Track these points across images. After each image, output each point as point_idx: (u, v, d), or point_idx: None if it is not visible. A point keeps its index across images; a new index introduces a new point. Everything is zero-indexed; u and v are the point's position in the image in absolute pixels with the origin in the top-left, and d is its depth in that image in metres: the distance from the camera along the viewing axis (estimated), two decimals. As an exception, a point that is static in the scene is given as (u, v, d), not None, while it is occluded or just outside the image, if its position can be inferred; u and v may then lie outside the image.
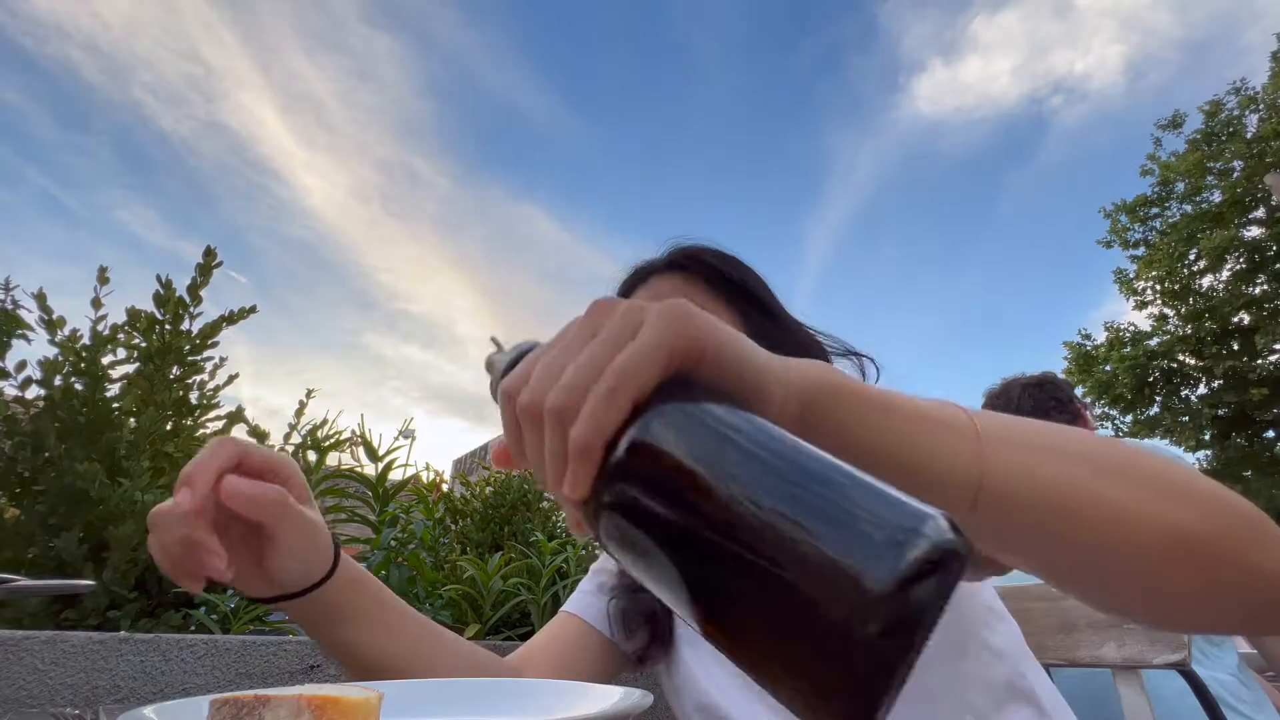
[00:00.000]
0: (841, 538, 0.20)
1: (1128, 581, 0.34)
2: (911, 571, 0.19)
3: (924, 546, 0.19)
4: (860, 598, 0.18)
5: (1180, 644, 0.83)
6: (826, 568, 0.19)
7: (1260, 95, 12.51)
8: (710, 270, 0.80)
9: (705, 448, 0.24)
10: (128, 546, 1.13)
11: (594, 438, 0.25)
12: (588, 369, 0.27)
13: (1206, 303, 12.86)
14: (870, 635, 0.18)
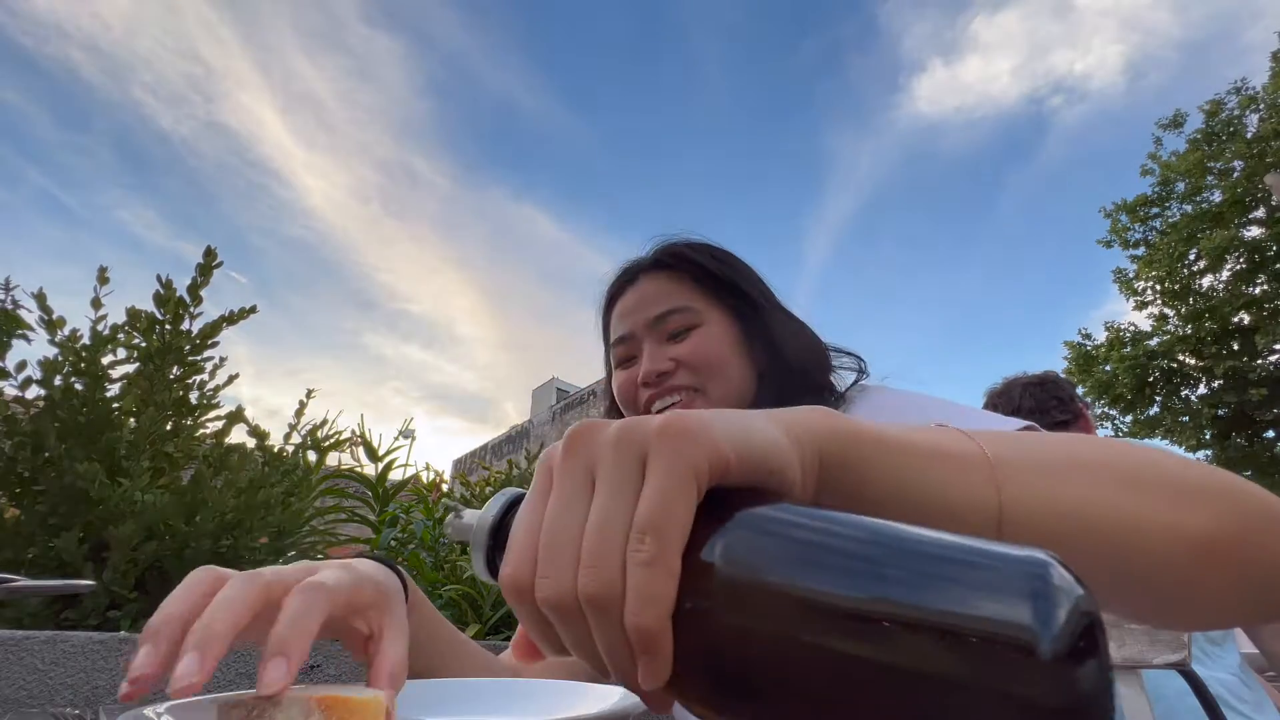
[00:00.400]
0: (984, 608, 0.17)
1: (1156, 591, 0.33)
2: (1066, 626, 0.17)
3: (1060, 596, 0.18)
4: (1037, 663, 0.16)
5: (1180, 644, 0.83)
6: (982, 647, 0.17)
7: (1261, 95, 12.51)
8: (697, 268, 0.79)
9: (788, 567, 0.20)
10: (128, 546, 1.13)
11: (657, 621, 0.21)
12: (612, 534, 0.22)
13: (1206, 303, 12.86)
14: (1051, 706, 0.16)
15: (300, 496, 1.51)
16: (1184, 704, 0.94)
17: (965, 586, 0.18)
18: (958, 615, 0.18)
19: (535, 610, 0.24)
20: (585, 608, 0.22)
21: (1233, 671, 1.08)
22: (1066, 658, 0.17)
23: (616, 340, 0.81)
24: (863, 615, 0.19)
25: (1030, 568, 0.18)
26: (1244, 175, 12.44)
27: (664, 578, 0.21)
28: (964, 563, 0.19)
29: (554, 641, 0.24)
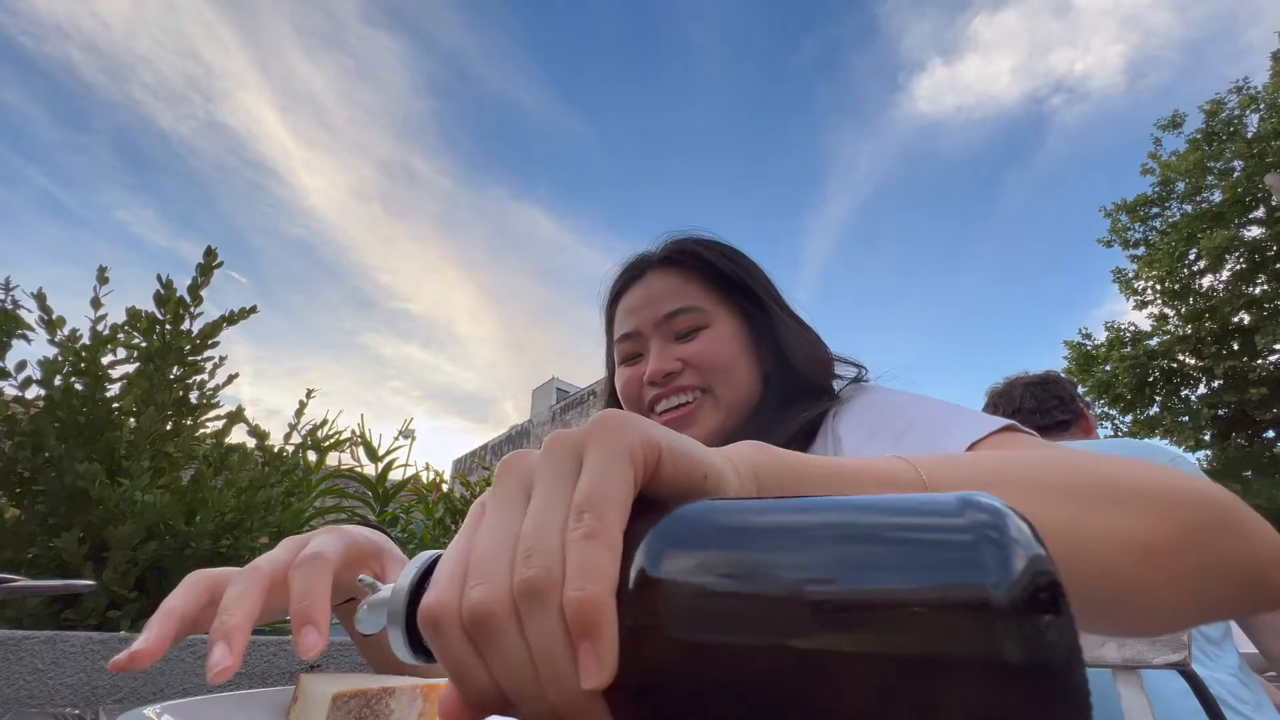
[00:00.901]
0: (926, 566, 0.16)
1: (1103, 597, 0.33)
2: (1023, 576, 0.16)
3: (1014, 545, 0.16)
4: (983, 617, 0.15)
5: (1180, 644, 0.83)
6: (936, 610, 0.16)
7: (1261, 95, 12.51)
8: (708, 267, 0.78)
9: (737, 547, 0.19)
10: (128, 546, 1.13)
11: (603, 592, 0.19)
12: (550, 515, 0.21)
13: (1206, 303, 12.86)
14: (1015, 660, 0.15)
15: (300, 496, 1.51)
16: (1184, 704, 0.94)
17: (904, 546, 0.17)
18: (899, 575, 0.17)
19: (459, 636, 0.21)
20: (520, 602, 0.19)
21: (1232, 672, 1.08)
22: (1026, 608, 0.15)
23: (622, 337, 0.80)
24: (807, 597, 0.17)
25: (973, 515, 0.17)
26: (1244, 175, 12.45)
27: (605, 550, 0.19)
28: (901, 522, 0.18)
29: (479, 676, 0.21)
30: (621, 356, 0.81)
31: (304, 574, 0.38)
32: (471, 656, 0.21)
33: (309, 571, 0.38)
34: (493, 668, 0.20)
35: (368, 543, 0.46)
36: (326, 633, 0.36)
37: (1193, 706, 0.88)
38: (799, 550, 0.18)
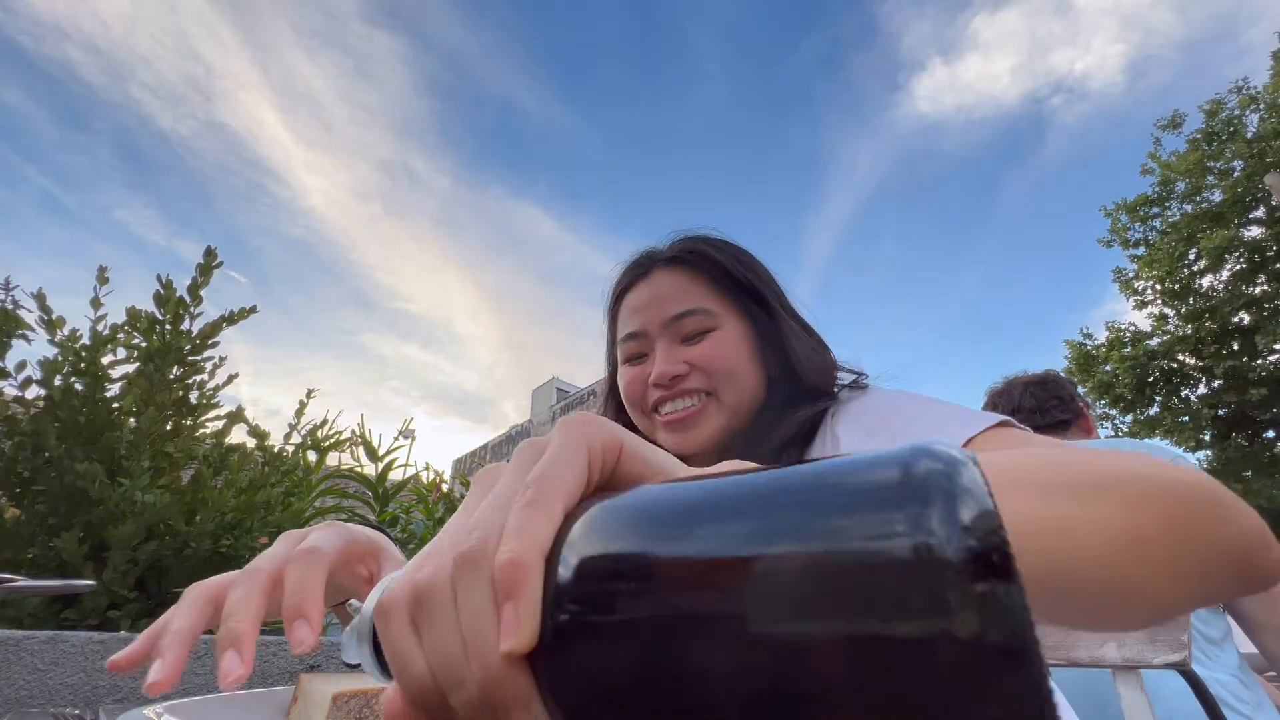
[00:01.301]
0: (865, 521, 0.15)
1: (1098, 594, 0.33)
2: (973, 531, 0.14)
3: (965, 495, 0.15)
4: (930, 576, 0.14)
5: (1180, 644, 0.83)
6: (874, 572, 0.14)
7: (1261, 95, 12.51)
8: (716, 267, 0.77)
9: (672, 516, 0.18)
10: (128, 546, 1.13)
11: (528, 552, 0.18)
12: (499, 499, 0.21)
13: (1206, 303, 12.86)
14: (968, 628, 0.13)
15: (300, 496, 1.51)
16: (1184, 704, 0.94)
17: (835, 504, 0.16)
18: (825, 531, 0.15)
19: (404, 617, 0.21)
20: (456, 575, 0.19)
21: (1232, 672, 1.08)
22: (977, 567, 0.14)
23: (627, 336, 0.78)
24: (735, 562, 0.16)
25: (911, 463, 0.15)
26: (1244, 175, 12.45)
27: (540, 517, 0.19)
28: (834, 481, 0.16)
29: (415, 658, 0.20)
30: (625, 355, 0.79)
31: (298, 569, 0.38)
32: (411, 641, 0.21)
33: (304, 566, 0.38)
34: (427, 649, 0.20)
35: (366, 540, 0.46)
36: (319, 628, 0.35)
37: (1193, 707, 0.88)
38: (733, 516, 0.17)
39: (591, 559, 0.18)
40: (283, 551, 0.40)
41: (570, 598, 0.18)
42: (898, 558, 0.14)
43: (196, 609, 0.38)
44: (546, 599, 0.18)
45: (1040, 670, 0.14)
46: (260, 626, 0.36)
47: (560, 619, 0.18)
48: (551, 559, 0.19)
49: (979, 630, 0.13)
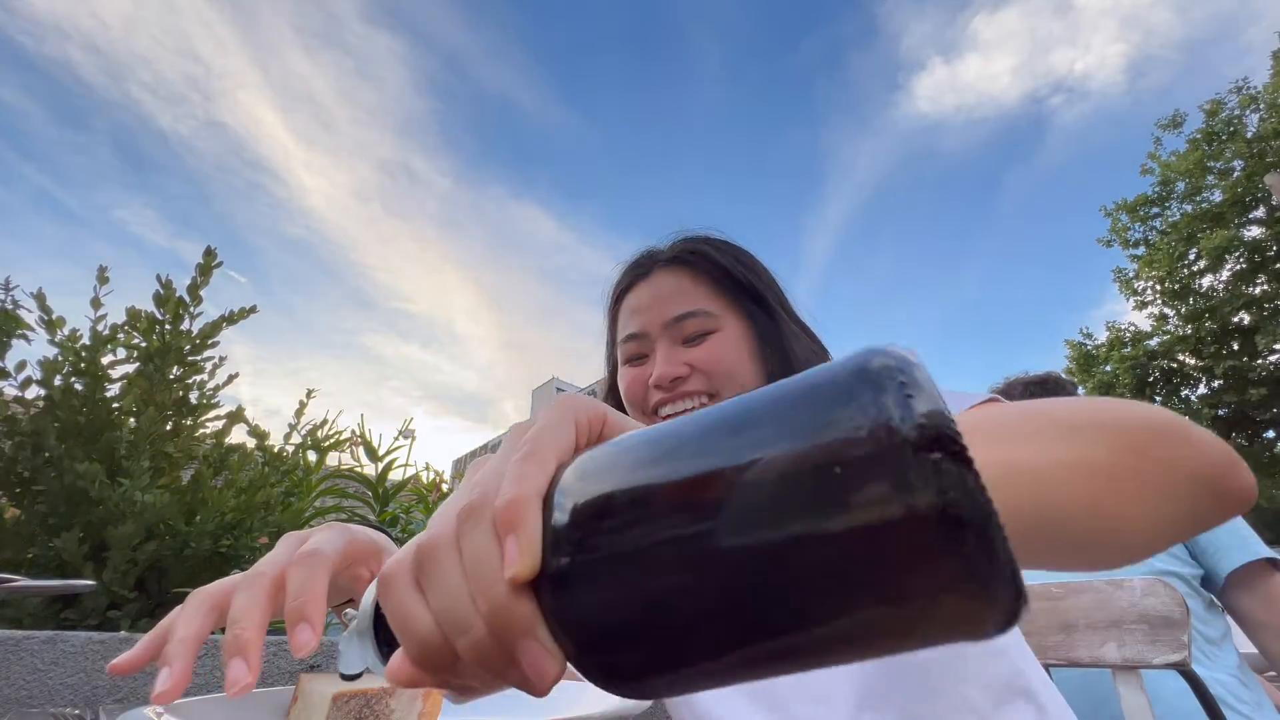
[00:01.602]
0: (825, 413, 0.16)
1: (1076, 531, 0.34)
2: (925, 413, 0.15)
3: (916, 386, 0.15)
4: (886, 452, 0.14)
5: (1180, 644, 0.83)
6: (831, 454, 0.15)
7: (1261, 95, 12.51)
8: (718, 268, 0.76)
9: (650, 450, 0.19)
10: (128, 546, 1.13)
11: (528, 491, 0.20)
12: (498, 464, 0.22)
13: (1206, 303, 12.86)
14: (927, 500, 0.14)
15: (300, 496, 1.51)
16: (1184, 704, 0.93)
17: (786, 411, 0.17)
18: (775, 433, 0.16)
19: (408, 580, 0.22)
20: (459, 527, 0.21)
21: (1232, 672, 1.08)
22: (931, 445, 0.14)
23: (627, 336, 0.78)
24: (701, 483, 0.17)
25: (865, 359, 0.16)
26: (1244, 175, 12.45)
27: (535, 466, 0.21)
28: (784, 393, 0.17)
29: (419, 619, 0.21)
30: (625, 356, 0.79)
31: (300, 571, 0.38)
32: (415, 600, 0.21)
33: (306, 568, 0.38)
34: (432, 601, 0.21)
35: (368, 540, 0.46)
36: (321, 631, 0.35)
37: (1192, 706, 0.88)
38: (705, 437, 0.18)
39: (583, 493, 0.19)
40: (284, 554, 0.40)
41: (567, 528, 0.19)
42: (859, 440, 0.15)
43: (200, 615, 0.38)
44: (545, 533, 0.19)
45: (1003, 541, 0.14)
46: (266, 631, 0.36)
47: (559, 547, 0.19)
48: (547, 501, 0.20)
49: (938, 503, 0.14)
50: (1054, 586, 0.97)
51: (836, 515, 0.15)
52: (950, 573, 0.14)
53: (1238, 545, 1.13)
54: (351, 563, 0.45)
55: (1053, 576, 1.19)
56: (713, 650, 0.17)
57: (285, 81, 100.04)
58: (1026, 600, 0.15)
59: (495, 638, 0.20)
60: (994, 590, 0.14)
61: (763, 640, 0.17)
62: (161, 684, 0.33)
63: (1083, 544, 0.35)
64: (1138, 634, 0.86)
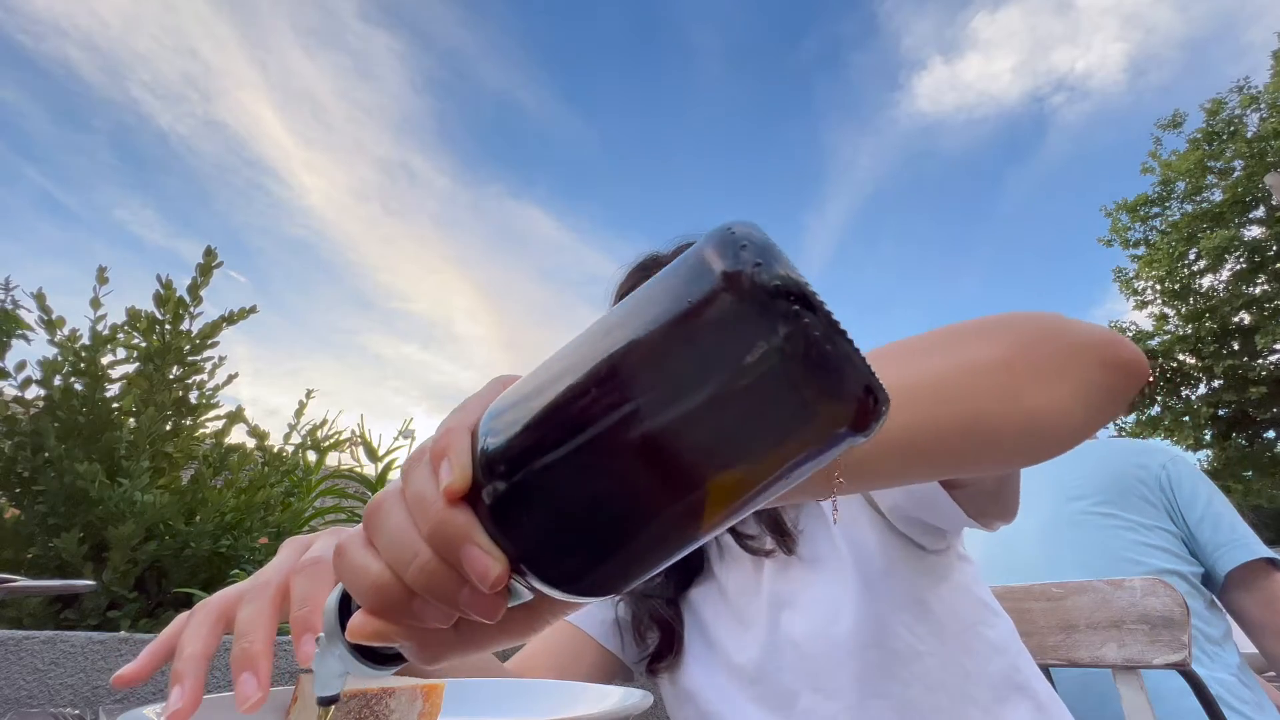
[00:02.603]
0: (677, 281, 0.18)
1: (994, 420, 0.37)
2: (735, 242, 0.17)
3: (748, 238, 0.18)
4: (736, 288, 0.17)
5: (1181, 644, 0.83)
6: (694, 314, 0.17)
7: (1261, 94, 12.50)
8: None
9: (551, 368, 0.21)
10: (127, 546, 1.13)
11: (456, 425, 0.22)
12: (419, 464, 0.23)
13: (1207, 302, 12.86)
14: (776, 314, 0.16)
15: (300, 497, 1.51)
16: (1184, 704, 0.93)
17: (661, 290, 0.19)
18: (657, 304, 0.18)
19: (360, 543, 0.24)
20: (403, 479, 0.23)
21: (1232, 672, 1.08)
22: (767, 290, 0.17)
23: None
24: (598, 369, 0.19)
25: (705, 241, 0.18)
26: (1244, 175, 12.45)
27: (462, 410, 0.23)
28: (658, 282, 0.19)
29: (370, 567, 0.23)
30: None
31: (305, 579, 0.38)
32: (367, 555, 0.23)
33: (310, 577, 0.38)
34: (382, 550, 0.23)
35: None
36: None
37: (1193, 706, 0.88)
38: (592, 337, 0.20)
39: (500, 413, 0.22)
40: (288, 561, 0.40)
41: (491, 446, 0.21)
42: (719, 297, 0.17)
43: (207, 628, 0.38)
44: (475, 456, 0.21)
45: (863, 371, 0.17)
46: (274, 643, 0.36)
47: (489, 465, 0.21)
48: (474, 433, 0.22)
49: (800, 345, 0.16)
50: (1054, 587, 0.97)
51: (720, 362, 0.17)
52: (812, 383, 0.17)
53: (1238, 544, 1.13)
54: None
55: (1053, 576, 1.19)
56: (639, 520, 0.19)
57: (284, 80, 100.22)
58: (884, 398, 0.18)
59: (439, 555, 0.21)
60: (848, 388, 0.17)
61: (677, 498, 0.19)
62: (175, 702, 0.33)
63: (1003, 435, 0.38)
64: (1138, 634, 0.86)
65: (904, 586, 0.62)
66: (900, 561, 0.63)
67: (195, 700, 0.34)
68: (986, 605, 0.67)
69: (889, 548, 0.63)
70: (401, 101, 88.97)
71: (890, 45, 45.65)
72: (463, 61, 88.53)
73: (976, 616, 0.65)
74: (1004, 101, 38.30)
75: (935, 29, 41.89)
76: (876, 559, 0.62)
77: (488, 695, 0.48)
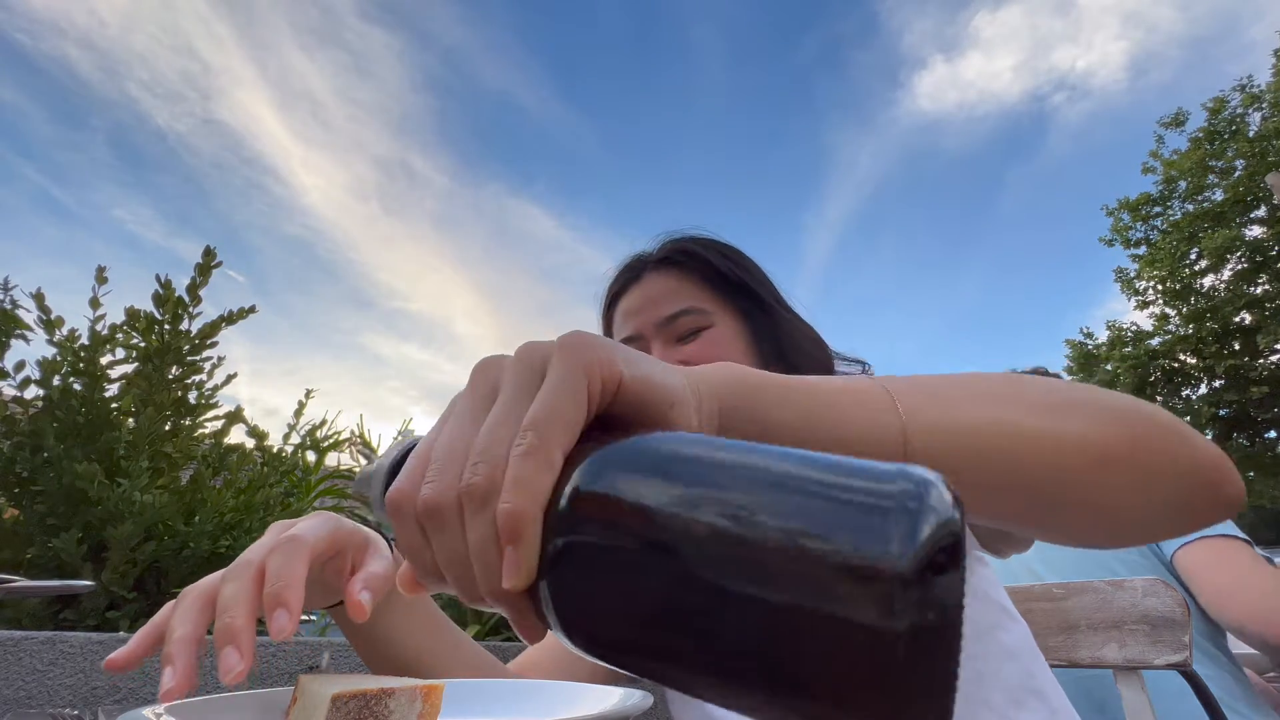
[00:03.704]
0: (840, 523, 0.17)
1: (1054, 496, 0.35)
2: (926, 545, 0.16)
3: (929, 514, 0.16)
4: (880, 585, 0.15)
5: (1181, 644, 0.83)
6: (833, 565, 0.16)
7: (1263, 93, 12.49)
8: (707, 267, 0.77)
9: (661, 478, 0.20)
10: (127, 546, 1.13)
11: (530, 506, 0.21)
12: (501, 429, 0.23)
13: (1208, 302, 12.86)
14: (903, 627, 0.15)
15: (299, 497, 1.51)
16: (1184, 704, 0.93)
17: (815, 502, 0.17)
18: (801, 530, 0.17)
19: (414, 523, 0.24)
20: (465, 504, 0.22)
21: (1233, 672, 1.08)
22: (918, 576, 0.16)
23: (623, 340, 0.78)
24: (708, 528, 0.18)
25: (901, 484, 0.17)
26: (1246, 174, 12.43)
27: (539, 467, 0.21)
28: (821, 480, 0.18)
29: (427, 559, 0.24)
30: None
31: (280, 556, 0.39)
32: (422, 542, 0.24)
33: (285, 554, 0.39)
34: (438, 555, 0.23)
35: (355, 530, 0.48)
36: (299, 615, 0.37)
37: (1193, 707, 0.88)
38: (712, 485, 0.19)
39: (585, 510, 0.21)
40: (270, 541, 0.41)
41: (565, 542, 0.21)
42: (853, 564, 0.16)
43: (195, 611, 0.38)
44: (545, 540, 0.21)
45: (956, 641, 0.17)
46: (256, 619, 0.36)
47: (556, 559, 0.21)
48: (551, 504, 0.21)
49: (916, 622, 0.16)
50: (1055, 587, 0.97)
51: (817, 609, 0.16)
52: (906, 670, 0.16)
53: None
54: (339, 550, 0.46)
55: (1053, 576, 1.19)
56: (681, 673, 0.19)
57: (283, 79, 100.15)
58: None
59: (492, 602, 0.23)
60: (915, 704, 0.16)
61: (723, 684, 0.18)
62: (166, 682, 0.34)
63: (1067, 518, 0.36)
64: (1139, 634, 0.85)
65: None
66: None
67: (187, 679, 0.34)
68: (1003, 609, 0.66)
69: None
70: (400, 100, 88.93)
71: (891, 44, 45.65)
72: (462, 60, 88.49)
73: (993, 620, 0.64)
74: (1005, 100, 38.29)
75: (936, 27, 41.88)
76: None
77: (488, 695, 0.48)
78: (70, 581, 0.75)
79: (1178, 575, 1.13)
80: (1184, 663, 0.82)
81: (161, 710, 0.36)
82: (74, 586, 0.70)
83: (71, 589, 0.71)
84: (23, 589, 0.66)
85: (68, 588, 0.71)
